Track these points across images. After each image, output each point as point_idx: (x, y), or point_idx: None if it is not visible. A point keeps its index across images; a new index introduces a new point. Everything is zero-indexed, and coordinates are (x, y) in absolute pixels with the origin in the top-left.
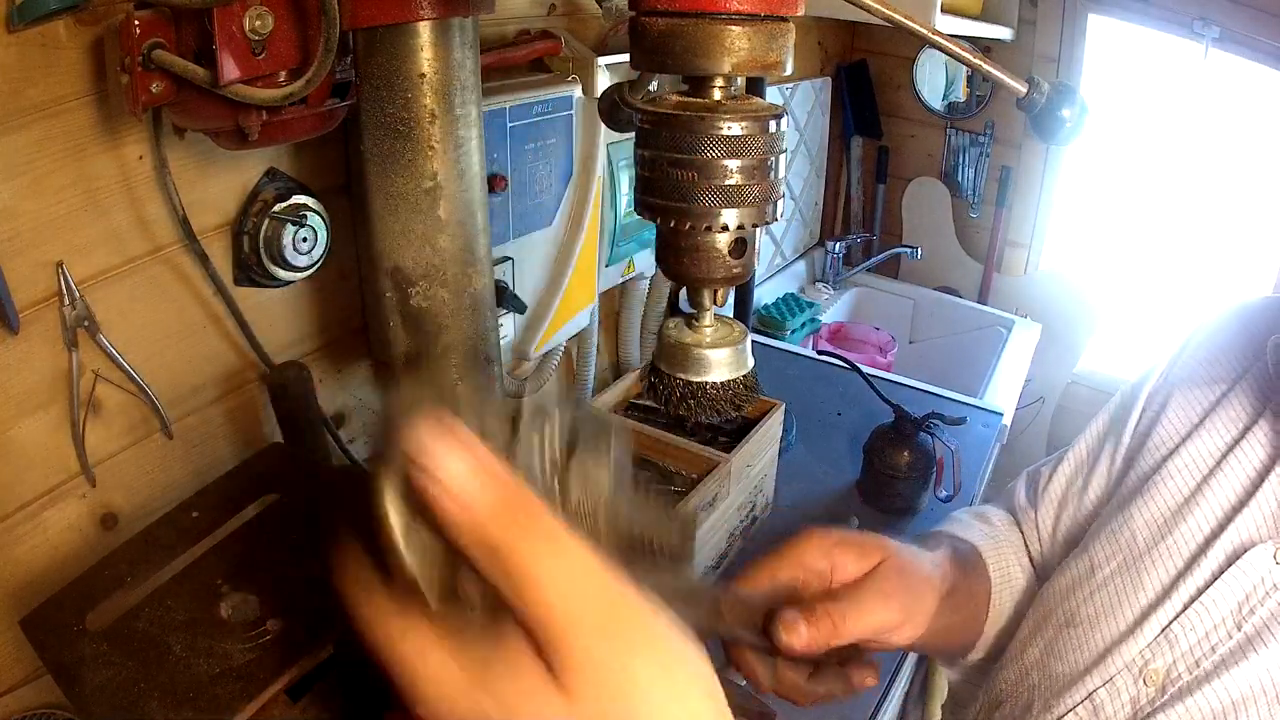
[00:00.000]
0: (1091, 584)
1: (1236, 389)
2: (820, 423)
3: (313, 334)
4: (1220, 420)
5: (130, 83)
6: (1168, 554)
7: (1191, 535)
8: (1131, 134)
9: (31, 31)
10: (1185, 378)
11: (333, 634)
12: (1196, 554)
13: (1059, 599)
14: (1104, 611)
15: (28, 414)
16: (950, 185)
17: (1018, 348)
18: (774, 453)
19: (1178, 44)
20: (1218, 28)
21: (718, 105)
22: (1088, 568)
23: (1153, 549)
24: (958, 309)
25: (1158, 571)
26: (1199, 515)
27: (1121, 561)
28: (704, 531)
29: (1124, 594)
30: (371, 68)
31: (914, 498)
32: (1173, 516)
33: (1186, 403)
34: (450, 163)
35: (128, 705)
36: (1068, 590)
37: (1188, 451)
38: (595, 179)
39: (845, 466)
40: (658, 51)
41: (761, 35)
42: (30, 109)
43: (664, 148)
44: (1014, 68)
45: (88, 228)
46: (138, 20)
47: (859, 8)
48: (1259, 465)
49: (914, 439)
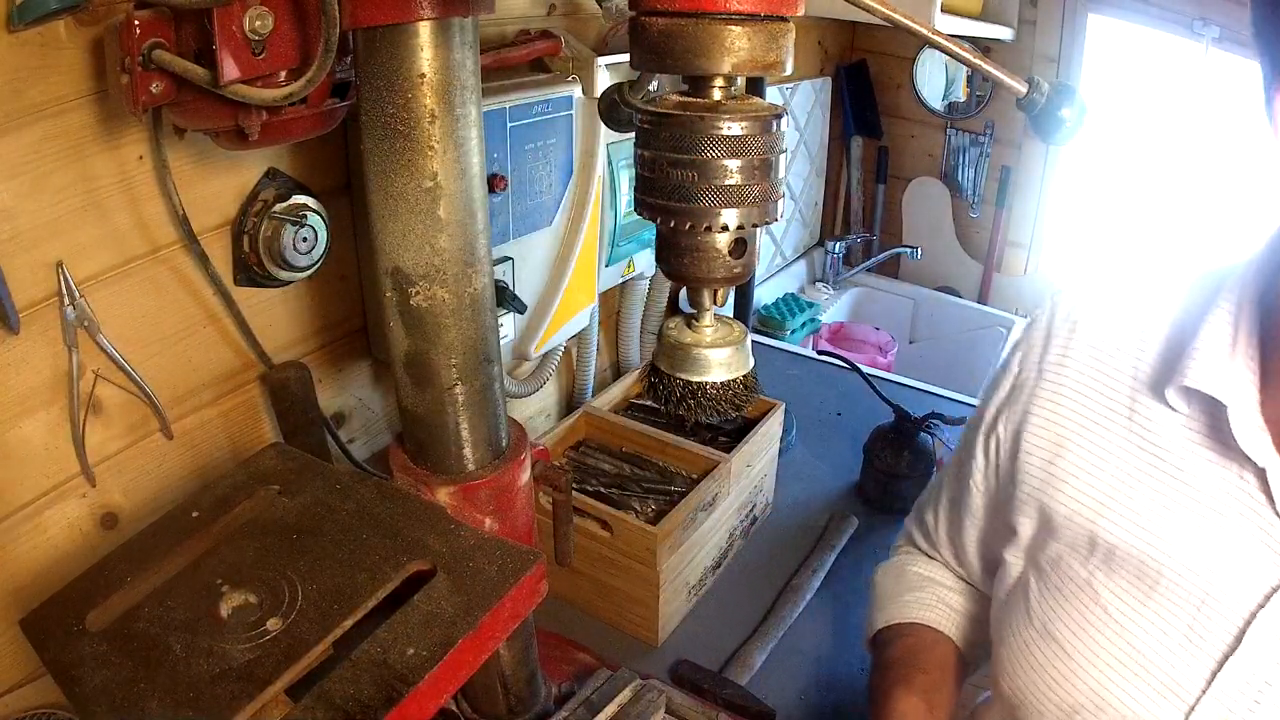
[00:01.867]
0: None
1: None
2: (820, 423)
3: (313, 334)
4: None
5: (130, 83)
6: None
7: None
8: (1131, 133)
9: (31, 32)
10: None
11: (332, 634)
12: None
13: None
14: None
15: (28, 414)
16: (950, 185)
17: None
18: (774, 453)
19: (1178, 43)
20: (1218, 27)
21: (718, 105)
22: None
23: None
24: (958, 309)
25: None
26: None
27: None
28: (704, 531)
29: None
30: (371, 67)
31: (914, 498)
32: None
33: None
34: (450, 162)
35: (128, 705)
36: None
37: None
38: (595, 178)
39: (845, 466)
40: (657, 51)
41: (761, 35)
42: (30, 109)
43: (664, 148)
44: (1014, 67)
45: (88, 228)
46: (138, 20)
47: (859, 8)
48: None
49: (914, 439)
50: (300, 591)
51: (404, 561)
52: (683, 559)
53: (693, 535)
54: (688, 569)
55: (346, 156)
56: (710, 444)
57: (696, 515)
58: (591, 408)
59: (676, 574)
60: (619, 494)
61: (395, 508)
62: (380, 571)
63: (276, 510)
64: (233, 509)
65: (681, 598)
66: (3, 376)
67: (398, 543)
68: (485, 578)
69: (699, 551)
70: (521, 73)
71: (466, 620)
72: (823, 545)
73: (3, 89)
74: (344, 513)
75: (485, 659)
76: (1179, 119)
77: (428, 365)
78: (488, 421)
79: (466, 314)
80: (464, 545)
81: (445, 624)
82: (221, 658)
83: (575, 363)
